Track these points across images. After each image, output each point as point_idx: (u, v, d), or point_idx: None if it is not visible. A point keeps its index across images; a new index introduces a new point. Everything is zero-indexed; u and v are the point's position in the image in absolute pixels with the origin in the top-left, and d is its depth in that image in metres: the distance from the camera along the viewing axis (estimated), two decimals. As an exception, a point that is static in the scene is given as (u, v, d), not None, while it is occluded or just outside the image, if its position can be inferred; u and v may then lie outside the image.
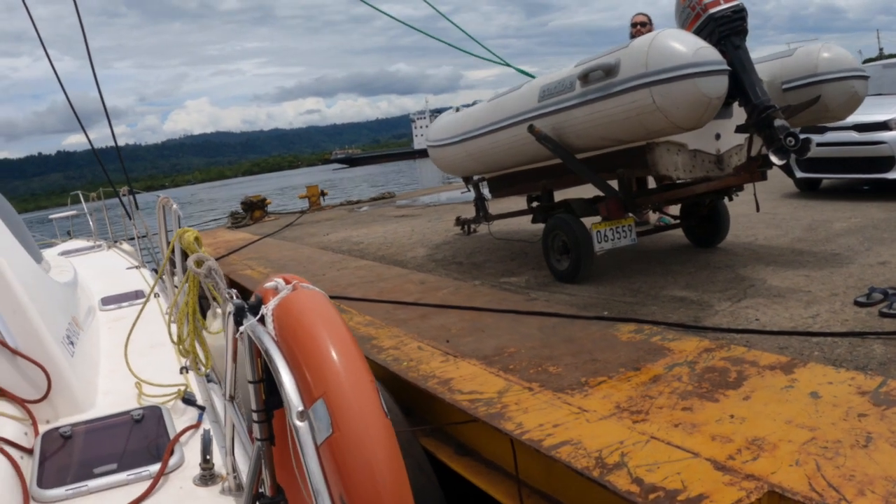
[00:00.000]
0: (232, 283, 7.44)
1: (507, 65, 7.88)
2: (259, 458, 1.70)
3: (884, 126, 8.03)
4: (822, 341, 3.80)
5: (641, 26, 7.05)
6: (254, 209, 14.71)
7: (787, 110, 4.74)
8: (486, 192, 8.31)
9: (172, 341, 4.03)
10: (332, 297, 1.92)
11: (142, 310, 4.26)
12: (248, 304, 1.68)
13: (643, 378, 3.57)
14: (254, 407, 1.69)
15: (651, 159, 5.14)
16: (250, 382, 1.67)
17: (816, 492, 2.32)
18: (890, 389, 3.05)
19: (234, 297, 2.00)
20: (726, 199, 6.24)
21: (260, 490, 1.75)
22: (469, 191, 8.66)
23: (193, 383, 3.69)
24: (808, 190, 9.39)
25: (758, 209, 6.01)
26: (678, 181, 5.40)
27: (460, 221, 9.22)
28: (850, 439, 2.65)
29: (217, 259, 4.28)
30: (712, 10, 4.73)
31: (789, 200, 8.88)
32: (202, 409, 3.34)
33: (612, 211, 5.62)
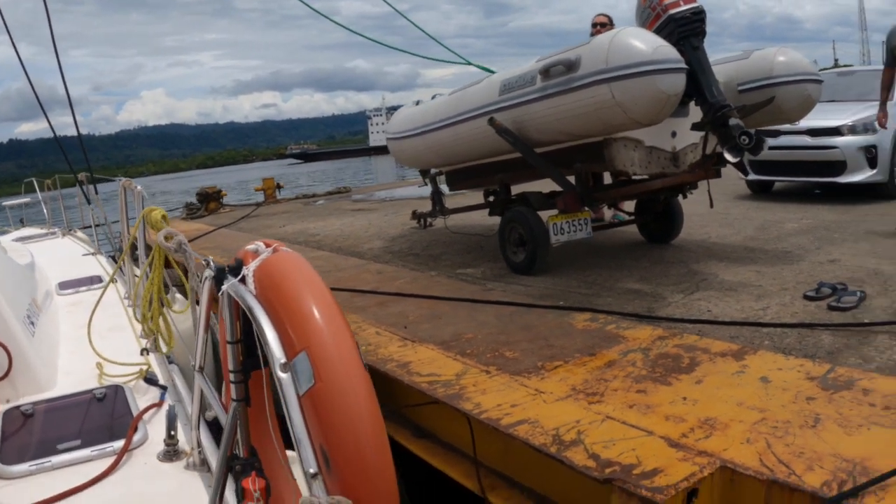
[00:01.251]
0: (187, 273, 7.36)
1: (468, 62, 7.92)
2: (235, 419, 1.72)
3: (836, 131, 8.30)
4: (772, 332, 3.93)
5: (602, 27, 7.17)
6: (209, 201, 14.53)
7: (742, 110, 4.89)
8: (443, 186, 8.36)
9: (137, 320, 4.01)
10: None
11: (103, 292, 4.26)
12: (229, 266, 1.70)
13: (598, 363, 3.65)
14: (231, 367, 1.71)
15: (608, 154, 5.23)
16: (228, 343, 1.70)
17: (767, 467, 2.41)
18: (838, 375, 3.18)
19: (211, 264, 2.02)
20: (680, 197, 6.38)
21: (234, 451, 1.77)
22: (426, 185, 8.70)
23: (154, 364, 3.70)
24: (761, 192, 9.65)
25: (711, 205, 6.17)
26: (634, 177, 5.50)
27: (417, 215, 9.26)
28: (799, 420, 2.76)
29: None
30: (672, 11, 4.86)
31: (742, 201, 9.11)
32: (164, 388, 3.35)
33: (569, 204, 5.71)
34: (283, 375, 1.42)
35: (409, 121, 7.59)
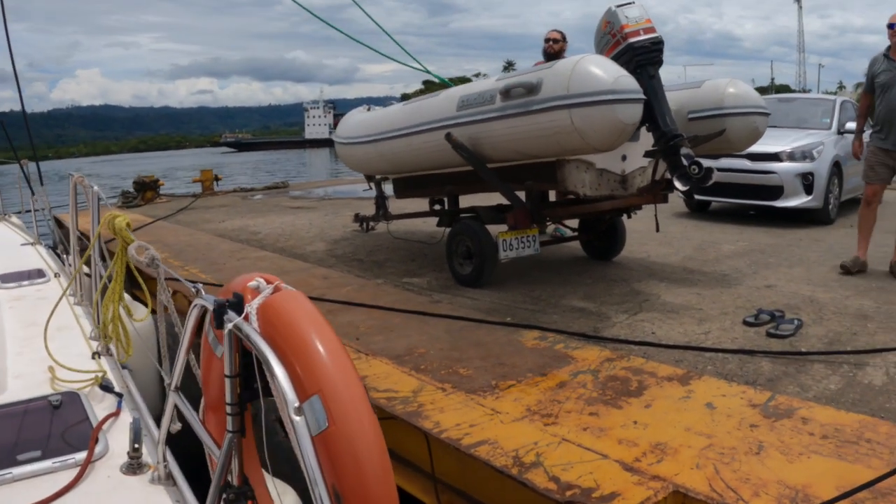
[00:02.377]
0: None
1: (427, 71, 7.99)
2: (230, 449, 1.77)
3: (775, 157, 8.68)
4: (714, 356, 4.13)
5: (554, 42, 7.32)
6: (146, 190, 14.20)
7: (694, 140, 5.09)
8: (388, 191, 8.41)
9: (95, 325, 3.94)
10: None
11: (62, 296, 4.17)
12: (229, 301, 1.75)
13: (550, 383, 3.77)
14: (228, 400, 1.75)
15: (560, 175, 5.37)
16: (227, 377, 1.74)
17: (717, 492, 2.57)
18: (778, 403, 3.38)
19: (201, 292, 2.05)
20: (625, 217, 6.59)
21: (228, 479, 1.82)
22: (371, 189, 8.73)
23: (107, 368, 3.63)
24: (698, 211, 10.00)
25: (657, 229, 6.39)
26: (583, 197, 5.66)
27: (359, 218, 9.27)
28: (744, 447, 2.94)
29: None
30: (632, 40, 5.00)
31: (679, 220, 9.43)
32: (120, 396, 3.30)
33: (519, 221, 5.83)
34: (296, 419, 1.48)
35: (361, 127, 7.61)
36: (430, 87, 59.41)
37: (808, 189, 8.68)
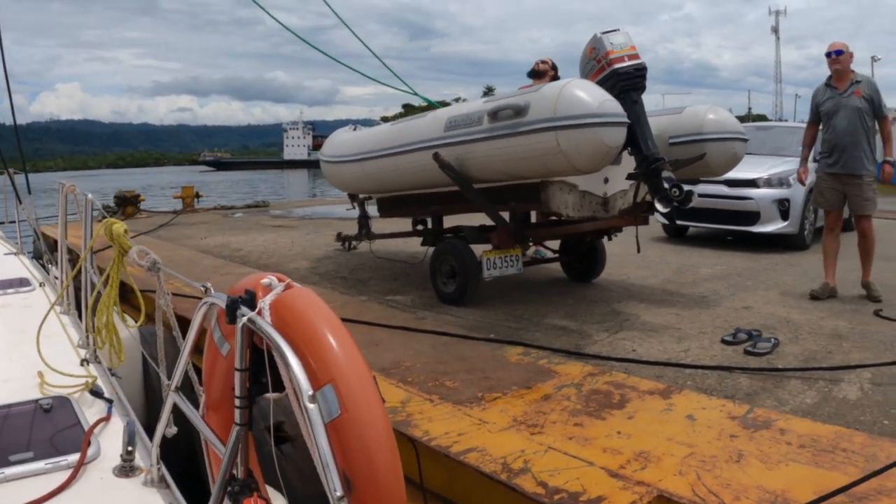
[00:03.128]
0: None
1: (415, 93, 8.10)
2: (238, 442, 1.84)
3: (753, 183, 8.88)
4: (694, 373, 4.24)
5: (542, 63, 7.44)
6: (127, 205, 14.18)
7: (675, 164, 5.24)
8: (372, 211, 8.48)
9: (86, 332, 3.97)
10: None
11: (51, 308, 4.20)
12: (241, 298, 1.82)
13: (535, 396, 3.86)
14: (238, 394, 1.82)
15: (544, 196, 5.48)
16: (237, 370, 1.81)
17: (699, 496, 2.67)
18: (757, 416, 3.50)
19: (210, 290, 2.13)
20: (605, 238, 6.72)
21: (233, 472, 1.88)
22: (354, 208, 8.80)
23: (96, 375, 3.66)
24: (676, 236, 10.17)
25: (638, 250, 6.53)
26: (566, 218, 5.77)
27: (342, 237, 9.33)
28: (724, 455, 3.04)
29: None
30: (617, 66, 5.16)
31: (658, 244, 9.60)
32: (110, 401, 3.32)
33: (503, 241, 5.94)
34: (310, 406, 1.56)
35: (347, 146, 7.69)
36: (409, 110, 59.73)
37: (785, 215, 8.88)
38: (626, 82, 5.16)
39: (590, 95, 4.82)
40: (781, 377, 4.16)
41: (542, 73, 7.28)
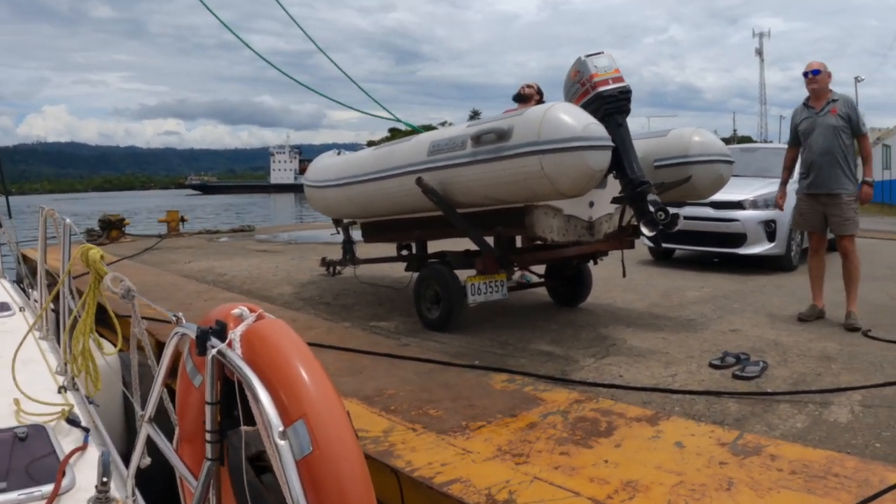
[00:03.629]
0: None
1: (397, 119, 8.09)
2: (209, 477, 1.77)
3: (738, 205, 8.88)
4: (682, 398, 4.18)
5: (528, 87, 7.44)
6: (111, 228, 14.09)
7: (661, 187, 5.21)
8: (356, 236, 8.43)
9: (64, 359, 3.89)
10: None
11: (29, 330, 4.12)
12: (212, 329, 1.76)
13: (520, 424, 3.79)
14: (209, 428, 1.75)
15: (529, 221, 5.42)
16: (208, 404, 1.74)
17: (689, 529, 2.59)
18: (746, 442, 3.43)
19: (181, 320, 2.06)
20: (591, 262, 6.67)
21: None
22: (338, 233, 8.75)
23: (74, 403, 3.59)
24: (662, 259, 10.15)
25: (624, 275, 6.49)
26: (551, 243, 5.73)
27: (326, 263, 9.27)
28: (714, 483, 2.97)
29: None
30: (601, 89, 5.12)
31: (644, 267, 9.57)
32: (87, 430, 3.26)
33: (488, 266, 5.87)
34: (280, 442, 1.49)
35: (331, 170, 7.65)
36: (396, 134, 59.87)
37: (771, 236, 8.88)
38: (611, 105, 5.13)
39: (574, 119, 4.78)
40: (771, 401, 4.11)
41: (528, 97, 7.27)
